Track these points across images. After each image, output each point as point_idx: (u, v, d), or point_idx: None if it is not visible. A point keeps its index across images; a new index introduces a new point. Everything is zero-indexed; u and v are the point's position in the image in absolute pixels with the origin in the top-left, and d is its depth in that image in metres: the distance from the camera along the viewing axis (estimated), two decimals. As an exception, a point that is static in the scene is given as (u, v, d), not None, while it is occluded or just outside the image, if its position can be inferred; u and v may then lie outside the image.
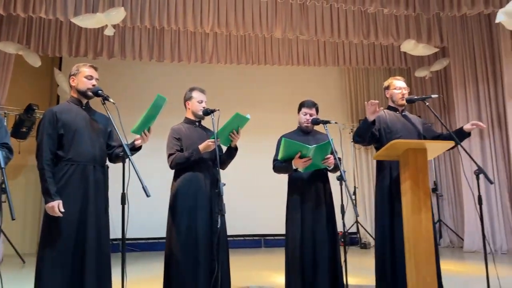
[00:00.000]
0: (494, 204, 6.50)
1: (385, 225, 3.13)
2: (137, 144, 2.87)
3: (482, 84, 6.82)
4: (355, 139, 3.26)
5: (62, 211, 2.54)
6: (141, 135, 2.81)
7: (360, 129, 3.19)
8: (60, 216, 2.54)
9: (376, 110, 3.01)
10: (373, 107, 3.00)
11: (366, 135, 3.17)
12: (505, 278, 4.13)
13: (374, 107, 2.99)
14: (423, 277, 2.70)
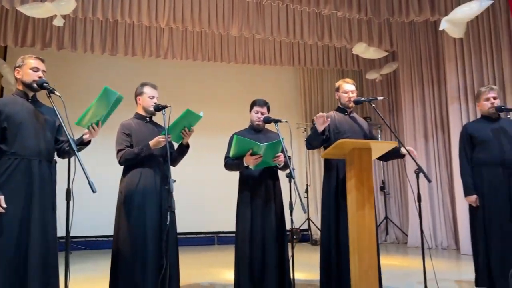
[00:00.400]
0: (436, 202, 6.86)
1: (331, 220, 3.25)
2: (85, 139, 2.80)
3: (427, 88, 7.18)
4: (308, 147, 3.46)
5: (4, 207, 2.45)
6: (89, 129, 2.75)
7: (310, 138, 3.37)
8: (2, 212, 2.45)
9: (325, 121, 3.17)
10: (321, 119, 3.17)
11: (316, 143, 3.34)
12: (441, 271, 4.40)
13: (322, 119, 3.17)
14: (365, 270, 2.82)
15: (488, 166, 3.42)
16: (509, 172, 3.33)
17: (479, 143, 3.48)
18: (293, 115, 8.36)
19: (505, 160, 3.35)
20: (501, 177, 3.35)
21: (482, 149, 3.46)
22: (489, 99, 3.51)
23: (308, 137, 3.41)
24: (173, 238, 3.11)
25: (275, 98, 6.88)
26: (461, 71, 6.35)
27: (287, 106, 8.36)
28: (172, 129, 3.07)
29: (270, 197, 3.39)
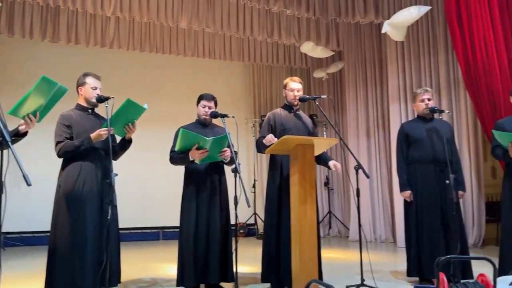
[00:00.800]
0: (376, 197, 7.18)
1: (273, 214, 3.33)
2: (22, 130, 2.66)
3: (371, 88, 7.47)
4: (257, 150, 3.54)
5: None
6: (25, 120, 2.61)
7: (258, 144, 3.46)
8: None
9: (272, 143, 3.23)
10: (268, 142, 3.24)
11: (264, 150, 3.39)
12: (378, 263, 4.63)
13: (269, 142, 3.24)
14: (306, 262, 2.92)
15: (421, 164, 3.63)
16: (440, 169, 3.55)
17: (414, 142, 3.69)
18: (242, 110, 8.41)
19: (436, 158, 3.57)
20: (432, 173, 3.57)
21: (416, 148, 3.67)
22: (423, 100, 3.72)
23: (258, 143, 3.49)
24: (114, 233, 3.05)
25: (224, 93, 6.90)
26: (402, 73, 6.67)
27: (236, 101, 8.39)
28: (115, 121, 2.98)
29: (215, 191, 3.40)
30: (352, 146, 7.38)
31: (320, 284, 1.73)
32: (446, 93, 6.13)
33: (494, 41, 4.44)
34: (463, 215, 5.62)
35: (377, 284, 3.23)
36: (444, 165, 3.45)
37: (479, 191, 5.90)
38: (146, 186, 7.43)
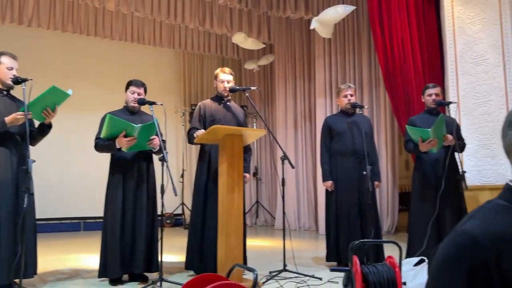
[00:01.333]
0: (301, 187, 7.46)
1: (199, 203, 3.35)
2: None
3: (299, 82, 7.70)
4: (188, 142, 3.54)
5: None
6: None
7: (189, 136, 3.47)
8: None
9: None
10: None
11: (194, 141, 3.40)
12: (301, 250, 4.84)
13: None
14: (231, 249, 2.97)
15: (342, 156, 3.85)
16: (359, 161, 3.78)
17: (336, 135, 3.89)
18: (172, 98, 8.26)
19: (356, 151, 3.80)
20: (352, 165, 3.80)
21: (338, 140, 3.88)
22: (346, 96, 3.93)
23: (188, 135, 3.48)
24: (31, 223, 2.89)
25: (153, 80, 6.73)
26: (328, 68, 6.96)
27: (166, 89, 8.23)
28: (34, 105, 2.81)
29: (143, 179, 3.34)
30: (280, 138, 7.59)
31: (243, 267, 1.79)
32: (368, 89, 6.51)
33: (411, 44, 4.79)
34: (379, 204, 6.07)
35: (298, 269, 3.39)
36: (363, 157, 3.69)
37: (393, 182, 6.36)
38: (67, 174, 7.06)
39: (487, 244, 0.82)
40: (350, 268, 2.05)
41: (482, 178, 4.31)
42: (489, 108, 4.32)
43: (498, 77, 4.27)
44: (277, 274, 3.29)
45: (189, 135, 3.47)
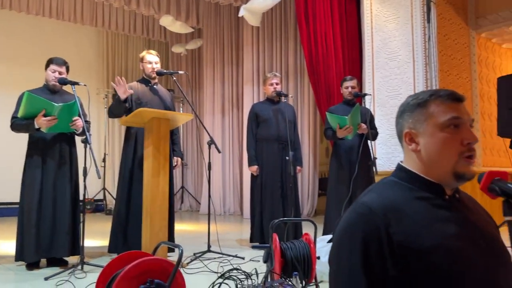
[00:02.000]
0: (227, 173, 7.59)
1: (125, 186, 3.32)
2: None
3: (227, 68, 7.77)
4: (109, 115, 3.46)
5: None
6: None
7: (113, 106, 3.38)
8: None
9: (126, 91, 3.22)
10: (122, 88, 3.20)
11: (119, 111, 3.36)
12: (225, 233, 4.97)
13: (123, 88, 3.21)
14: (156, 232, 3.00)
15: (267, 141, 4.01)
16: (282, 147, 3.97)
17: (262, 121, 4.04)
18: (93, 79, 7.91)
19: (280, 137, 3.98)
20: (276, 150, 3.98)
21: (264, 127, 4.04)
22: (272, 84, 4.08)
23: (111, 105, 3.39)
24: None
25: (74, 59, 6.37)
26: (256, 56, 7.10)
27: (88, 69, 7.86)
28: None
29: (65, 162, 3.22)
30: (208, 123, 7.63)
31: (168, 244, 1.84)
32: (293, 78, 6.75)
33: (333, 38, 5.07)
34: (300, 189, 6.40)
35: (222, 250, 3.50)
36: (286, 143, 3.87)
37: (314, 168, 6.71)
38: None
39: (379, 213, 0.98)
40: (269, 245, 2.19)
41: (391, 164, 4.72)
42: (399, 100, 4.72)
43: (408, 73, 4.68)
44: (201, 255, 3.38)
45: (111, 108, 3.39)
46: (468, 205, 1.11)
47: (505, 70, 5.70)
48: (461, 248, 0.98)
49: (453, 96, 1.08)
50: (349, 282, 0.98)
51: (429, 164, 1.08)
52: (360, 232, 0.98)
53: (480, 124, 5.20)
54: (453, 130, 1.06)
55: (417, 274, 0.95)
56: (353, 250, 0.98)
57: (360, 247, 0.97)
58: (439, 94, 1.09)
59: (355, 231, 0.99)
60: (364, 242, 0.97)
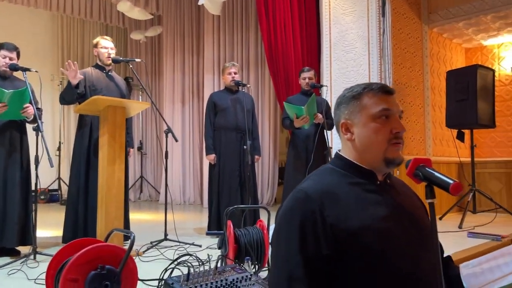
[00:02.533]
0: (187, 162, 7.56)
1: (80, 176, 3.27)
2: None
3: (188, 56, 7.70)
4: (61, 101, 3.38)
5: None
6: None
7: (64, 92, 3.30)
8: None
9: (77, 76, 3.16)
10: (73, 72, 3.14)
11: (71, 98, 3.29)
12: (183, 221, 4.99)
13: (74, 72, 3.15)
14: (111, 221, 2.98)
15: (226, 130, 4.04)
16: (240, 136, 4.01)
17: (220, 111, 4.06)
18: (47, 65, 7.64)
19: (238, 126, 4.02)
20: (234, 139, 4.02)
21: (222, 116, 4.06)
22: (230, 73, 4.10)
23: (62, 92, 3.32)
24: None
25: (27, 44, 6.15)
26: (216, 45, 7.07)
27: (42, 55, 7.58)
28: None
29: (15, 150, 3.13)
30: (167, 112, 7.55)
31: (121, 231, 1.85)
32: (254, 68, 6.79)
33: (292, 29, 5.13)
34: (261, 178, 6.49)
35: (180, 238, 3.52)
36: (244, 133, 3.92)
37: (274, 158, 6.81)
38: None
39: (315, 198, 1.06)
40: (224, 231, 2.24)
41: (346, 153, 4.88)
42: (355, 92, 4.87)
43: (364, 65, 4.82)
44: (158, 243, 3.39)
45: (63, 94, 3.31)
46: (398, 189, 1.20)
47: (455, 64, 5.99)
48: (388, 228, 1.07)
49: (384, 89, 1.17)
50: (287, 262, 1.04)
51: (362, 152, 1.16)
52: (297, 216, 1.06)
53: (431, 115, 5.44)
54: (383, 121, 1.14)
55: (348, 252, 1.03)
56: (291, 232, 1.05)
57: (297, 230, 1.04)
58: (371, 87, 1.17)
59: (293, 215, 1.06)
60: (301, 225, 1.04)
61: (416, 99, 5.22)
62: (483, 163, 5.60)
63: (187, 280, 1.65)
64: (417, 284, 1.05)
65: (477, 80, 4.38)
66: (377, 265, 1.03)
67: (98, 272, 1.47)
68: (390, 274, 1.03)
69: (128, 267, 1.58)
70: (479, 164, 5.49)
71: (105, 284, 1.47)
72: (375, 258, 1.03)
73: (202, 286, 1.65)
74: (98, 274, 1.47)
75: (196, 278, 1.69)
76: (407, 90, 5.06)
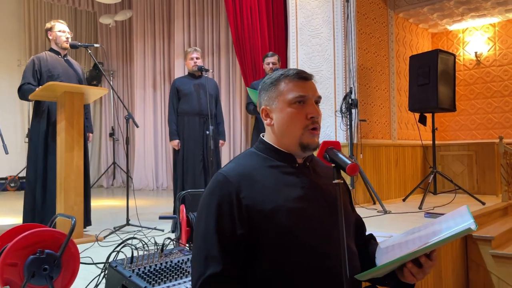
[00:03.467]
0: (160, 148, 7.54)
1: (38, 162, 3.24)
2: None
3: (159, 41, 7.61)
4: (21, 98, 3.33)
5: None
6: None
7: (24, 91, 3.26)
8: None
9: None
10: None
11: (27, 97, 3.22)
12: (154, 207, 5.00)
13: None
14: (71, 207, 2.98)
15: (189, 116, 4.05)
16: (204, 121, 4.03)
17: (183, 96, 4.07)
18: (15, 50, 7.46)
19: (201, 111, 4.03)
20: (197, 125, 4.03)
21: (185, 101, 4.07)
22: (192, 58, 4.09)
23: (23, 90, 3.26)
24: None
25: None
26: (187, 29, 7.02)
27: (9, 39, 7.38)
28: None
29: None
30: (139, 97, 7.49)
31: (63, 216, 1.86)
32: (225, 53, 6.77)
33: (259, 14, 5.13)
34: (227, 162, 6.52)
35: (143, 223, 3.55)
36: (207, 118, 3.94)
37: (246, 142, 6.84)
38: None
39: (233, 180, 1.10)
40: (177, 215, 2.28)
41: (313, 138, 4.95)
42: (320, 77, 4.92)
43: (329, 50, 4.87)
44: (119, 229, 3.41)
45: (23, 90, 3.26)
46: (319, 171, 1.25)
47: (421, 48, 6.09)
48: (301, 208, 1.12)
49: (300, 75, 1.21)
50: (204, 241, 1.09)
51: (280, 136, 1.21)
52: (215, 197, 1.11)
53: (396, 100, 5.55)
54: (299, 106, 1.18)
55: (262, 232, 1.08)
56: (209, 213, 1.10)
57: (215, 210, 1.09)
58: (288, 74, 1.21)
59: (212, 197, 1.11)
60: (218, 206, 1.09)
61: (381, 83, 5.30)
62: (447, 146, 5.76)
63: (130, 262, 1.68)
64: (329, 260, 1.11)
65: (438, 64, 4.47)
66: (288, 244, 1.08)
67: (37, 256, 1.49)
68: (301, 252, 1.09)
69: (69, 251, 1.60)
70: (443, 146, 5.65)
71: (44, 268, 1.49)
72: (286, 237, 1.08)
73: (146, 268, 1.69)
74: (37, 258, 1.49)
75: (141, 260, 1.73)
76: (372, 74, 5.14)
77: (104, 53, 7.76)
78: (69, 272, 1.61)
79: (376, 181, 5.02)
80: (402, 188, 5.44)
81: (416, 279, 1.10)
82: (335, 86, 4.81)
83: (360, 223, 1.37)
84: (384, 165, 5.20)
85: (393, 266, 1.07)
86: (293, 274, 1.08)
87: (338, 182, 1.02)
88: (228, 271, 1.07)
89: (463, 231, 1.00)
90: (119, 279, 1.69)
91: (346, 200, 1.28)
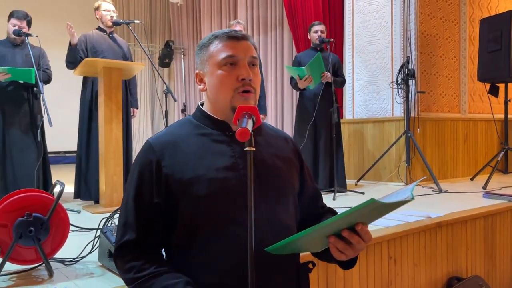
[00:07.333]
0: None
1: (83, 133, 3.48)
2: None
3: (225, 18, 7.63)
4: (68, 66, 3.53)
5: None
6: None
7: (68, 55, 3.46)
8: None
9: (73, 34, 3.29)
10: (70, 30, 3.28)
11: (73, 58, 3.43)
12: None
13: (70, 31, 3.28)
14: (111, 176, 3.17)
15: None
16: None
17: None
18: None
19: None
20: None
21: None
22: None
23: (66, 56, 3.48)
24: None
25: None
26: (250, 6, 6.95)
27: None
28: None
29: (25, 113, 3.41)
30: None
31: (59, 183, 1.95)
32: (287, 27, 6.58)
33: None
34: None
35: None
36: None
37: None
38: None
39: (156, 149, 1.07)
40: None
41: (368, 112, 4.67)
42: (377, 46, 4.59)
43: (386, 17, 4.50)
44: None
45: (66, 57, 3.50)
46: (259, 140, 1.15)
47: (502, 11, 5.38)
48: (225, 178, 1.05)
49: (230, 35, 1.10)
50: (125, 209, 1.09)
51: (213, 102, 1.13)
52: (138, 165, 1.09)
53: (468, 69, 5.00)
54: (229, 68, 1.09)
55: (178, 201, 1.04)
56: (131, 181, 1.09)
57: (135, 178, 1.08)
58: (217, 34, 1.12)
59: (135, 164, 1.11)
60: (139, 174, 1.08)
61: (449, 51, 4.80)
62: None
63: (120, 229, 1.73)
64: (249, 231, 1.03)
65: (511, 28, 3.91)
66: (203, 213, 1.03)
67: (24, 219, 1.60)
68: (217, 221, 1.04)
69: (58, 216, 1.69)
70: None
71: (30, 230, 1.59)
72: (202, 206, 1.03)
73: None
74: (24, 220, 1.59)
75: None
76: (438, 42, 4.66)
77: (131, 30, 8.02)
78: (59, 235, 1.71)
79: (438, 158, 4.62)
80: (473, 166, 4.93)
81: (346, 256, 0.98)
82: (392, 56, 4.46)
83: (315, 195, 1.26)
84: (450, 141, 4.75)
85: (309, 238, 0.96)
86: (209, 243, 1.03)
87: (249, 149, 0.92)
88: (143, 239, 1.06)
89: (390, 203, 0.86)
90: (107, 244, 1.76)
91: (291, 171, 1.18)
